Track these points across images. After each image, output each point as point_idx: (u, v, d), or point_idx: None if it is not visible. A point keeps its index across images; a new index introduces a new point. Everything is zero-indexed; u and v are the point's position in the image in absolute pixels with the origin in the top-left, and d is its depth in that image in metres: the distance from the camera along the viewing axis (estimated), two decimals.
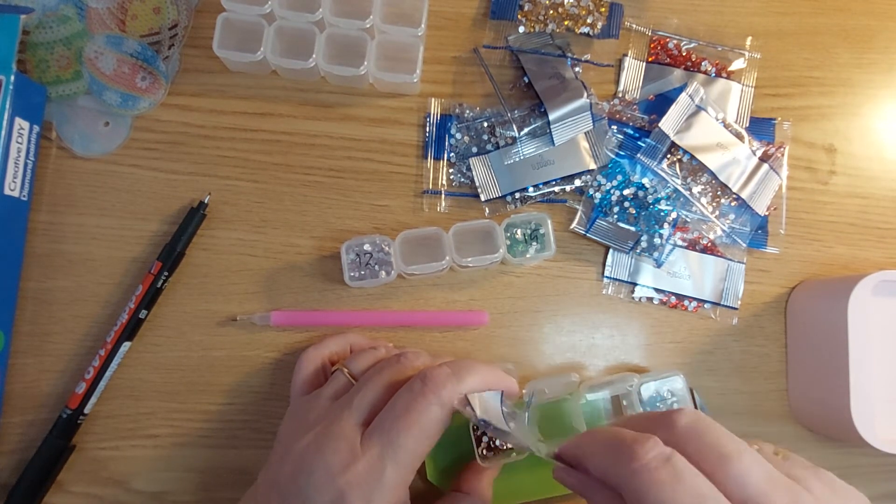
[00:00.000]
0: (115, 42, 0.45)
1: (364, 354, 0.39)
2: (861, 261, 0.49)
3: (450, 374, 0.33)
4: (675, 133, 0.47)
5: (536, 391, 0.42)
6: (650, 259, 0.47)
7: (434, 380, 0.33)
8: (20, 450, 0.43)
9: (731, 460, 0.26)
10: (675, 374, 0.44)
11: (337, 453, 0.32)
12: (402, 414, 0.32)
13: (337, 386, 0.37)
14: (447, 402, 0.33)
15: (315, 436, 0.33)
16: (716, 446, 0.26)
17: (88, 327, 0.44)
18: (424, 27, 0.45)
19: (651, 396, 0.44)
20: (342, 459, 0.31)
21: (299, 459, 0.33)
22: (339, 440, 0.32)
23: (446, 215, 0.47)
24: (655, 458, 0.26)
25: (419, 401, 0.32)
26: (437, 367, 0.34)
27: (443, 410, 0.32)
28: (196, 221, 0.45)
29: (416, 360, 0.36)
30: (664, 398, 0.44)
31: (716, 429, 0.27)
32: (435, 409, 0.32)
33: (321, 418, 0.34)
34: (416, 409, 0.32)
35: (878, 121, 0.51)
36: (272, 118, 0.47)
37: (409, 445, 0.32)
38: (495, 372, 0.36)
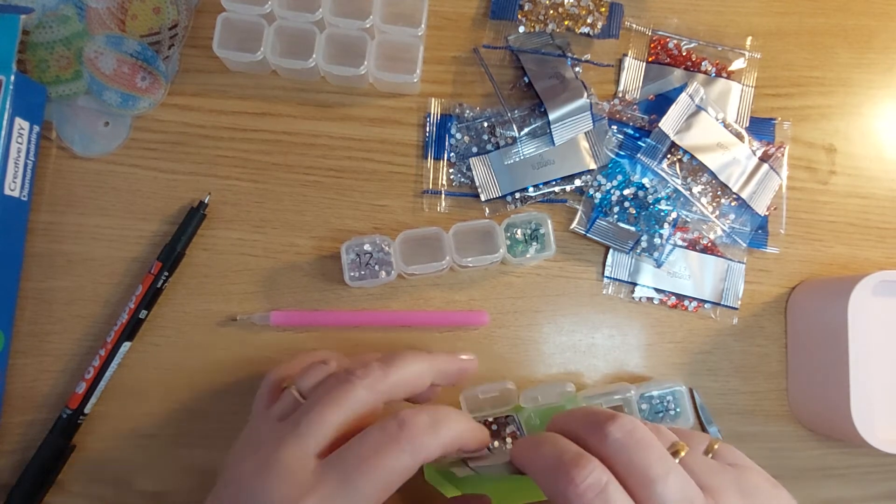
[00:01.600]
0: (115, 42, 0.45)
1: (314, 370, 0.35)
2: (861, 261, 0.49)
3: (428, 426, 0.30)
4: (675, 133, 0.47)
5: (530, 398, 0.42)
6: (650, 259, 0.47)
7: (411, 428, 0.30)
8: (20, 450, 0.43)
9: (653, 484, 0.26)
10: (678, 385, 0.44)
11: (283, 484, 0.29)
12: (369, 456, 0.29)
13: (284, 405, 0.34)
14: (419, 453, 0.30)
15: (259, 460, 0.30)
16: (640, 467, 0.27)
17: (88, 327, 0.44)
18: (424, 27, 0.45)
19: (653, 406, 0.44)
20: (288, 492, 0.28)
21: (242, 484, 0.30)
22: (286, 470, 0.29)
23: (446, 215, 0.47)
24: (591, 486, 0.26)
25: (391, 446, 0.29)
26: (417, 415, 0.31)
27: (413, 461, 0.30)
28: (196, 221, 0.45)
29: (366, 376, 0.32)
30: (666, 408, 0.44)
31: (646, 447, 0.28)
32: (405, 458, 0.29)
33: (266, 441, 0.32)
34: (385, 453, 0.29)
35: (878, 121, 0.51)
36: (272, 118, 0.47)
37: (368, 491, 0.28)
38: (475, 427, 0.34)
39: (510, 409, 0.42)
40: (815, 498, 0.47)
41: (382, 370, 0.33)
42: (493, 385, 0.42)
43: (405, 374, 0.34)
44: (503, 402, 0.42)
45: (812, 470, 0.47)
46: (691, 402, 0.45)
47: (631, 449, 0.27)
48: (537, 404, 0.43)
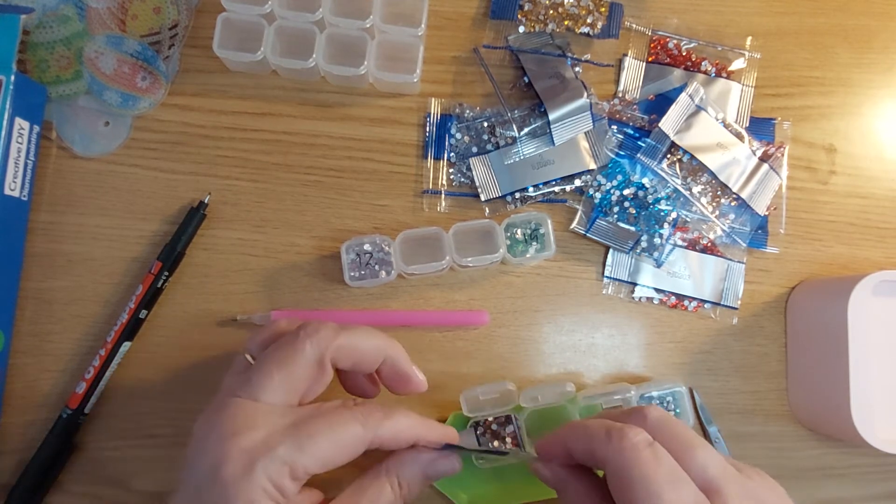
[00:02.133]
0: (115, 42, 0.45)
1: (260, 332, 0.36)
2: (861, 261, 0.49)
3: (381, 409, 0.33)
4: (675, 133, 0.47)
5: (530, 398, 0.42)
6: (650, 259, 0.47)
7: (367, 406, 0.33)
8: (20, 450, 0.43)
9: (694, 450, 0.30)
10: (679, 386, 0.44)
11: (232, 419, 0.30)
12: (322, 414, 0.31)
13: (237, 365, 0.35)
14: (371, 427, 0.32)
15: (213, 406, 0.32)
16: (682, 437, 0.31)
17: (88, 327, 0.44)
18: (424, 27, 0.45)
19: None
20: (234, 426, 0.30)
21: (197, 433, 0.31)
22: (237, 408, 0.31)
23: (446, 215, 0.47)
24: (641, 441, 0.30)
25: (344, 413, 0.32)
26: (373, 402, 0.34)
27: (364, 432, 0.31)
28: (196, 221, 0.45)
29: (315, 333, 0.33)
30: (666, 409, 0.44)
31: (681, 424, 0.32)
32: (357, 427, 0.31)
33: (221, 392, 0.33)
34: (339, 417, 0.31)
35: (878, 121, 0.51)
36: (272, 118, 0.47)
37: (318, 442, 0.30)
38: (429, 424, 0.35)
39: (510, 409, 0.42)
40: (815, 498, 0.47)
41: (334, 331, 0.33)
42: (493, 386, 0.42)
43: (355, 341, 0.34)
44: (503, 402, 0.42)
45: (812, 470, 0.47)
46: (691, 402, 0.45)
47: (671, 423, 0.32)
48: (537, 404, 0.43)
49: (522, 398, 0.42)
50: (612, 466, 0.30)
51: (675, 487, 0.28)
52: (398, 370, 0.36)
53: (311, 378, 0.33)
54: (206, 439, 0.30)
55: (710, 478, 0.30)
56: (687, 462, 0.30)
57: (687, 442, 0.31)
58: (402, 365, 0.36)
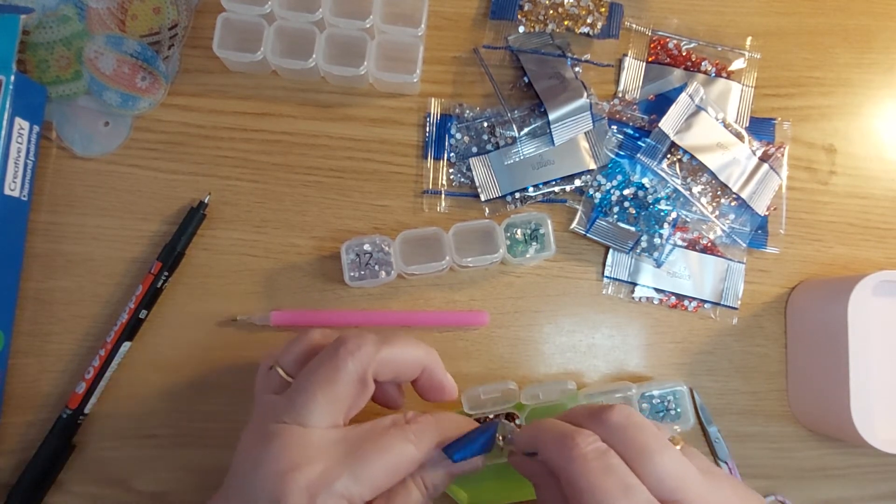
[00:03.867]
0: (115, 42, 0.45)
1: (294, 344, 0.35)
2: (861, 261, 0.49)
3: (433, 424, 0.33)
4: (675, 133, 0.47)
5: (532, 396, 0.42)
6: (650, 259, 0.47)
7: (420, 424, 0.33)
8: (20, 450, 0.43)
9: (652, 457, 0.29)
10: (679, 385, 0.44)
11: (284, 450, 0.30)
12: (377, 438, 0.31)
13: (271, 382, 0.34)
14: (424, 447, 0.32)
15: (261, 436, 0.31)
16: (640, 443, 0.29)
17: (88, 327, 0.44)
18: (424, 27, 0.45)
19: (654, 405, 0.44)
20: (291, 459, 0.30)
21: (247, 462, 0.31)
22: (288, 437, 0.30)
23: (446, 215, 0.47)
24: (593, 450, 0.29)
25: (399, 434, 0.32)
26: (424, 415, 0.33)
27: (418, 453, 0.32)
28: (196, 221, 0.45)
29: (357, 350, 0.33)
30: (666, 408, 0.44)
31: (642, 428, 0.30)
32: (411, 449, 0.31)
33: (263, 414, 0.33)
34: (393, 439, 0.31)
35: (878, 121, 0.51)
36: (272, 118, 0.47)
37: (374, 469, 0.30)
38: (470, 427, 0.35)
39: (511, 407, 0.42)
40: (815, 498, 0.47)
41: (374, 345, 0.33)
42: (495, 385, 0.42)
43: (397, 354, 0.34)
44: (505, 401, 0.42)
45: (812, 470, 0.47)
46: (692, 402, 0.45)
47: (629, 429, 0.30)
48: (538, 402, 0.43)
49: (523, 396, 0.42)
50: (564, 476, 0.29)
51: (627, 499, 0.27)
52: (434, 380, 0.36)
53: (356, 396, 0.32)
54: (259, 471, 0.30)
55: (669, 488, 0.28)
56: (643, 471, 0.28)
57: (645, 448, 0.29)
58: (439, 375, 0.36)
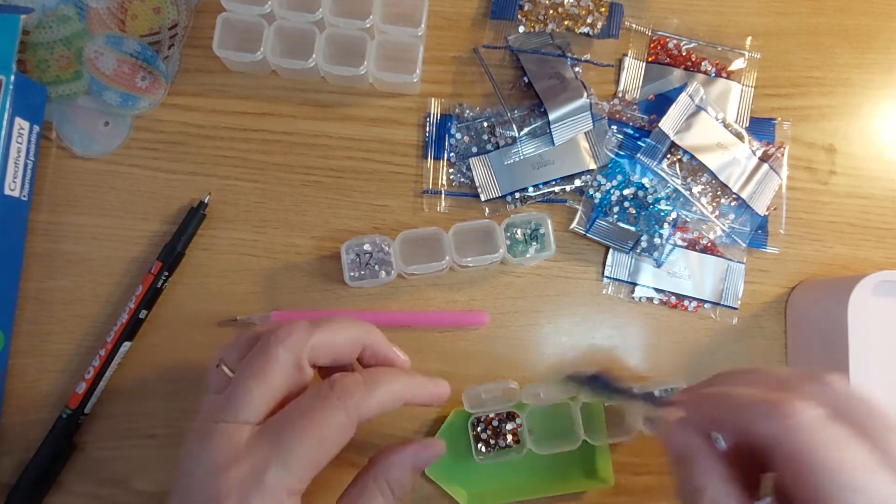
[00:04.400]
0: (115, 42, 0.45)
1: (235, 341, 0.34)
2: (861, 261, 0.49)
3: (360, 383, 0.31)
4: (675, 133, 0.47)
5: (532, 395, 0.42)
6: (650, 259, 0.47)
7: (343, 386, 0.30)
8: (20, 450, 0.43)
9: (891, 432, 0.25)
10: (679, 384, 0.44)
11: (215, 456, 0.29)
12: (299, 417, 0.29)
13: (216, 381, 0.33)
14: (353, 410, 0.30)
15: (197, 429, 0.31)
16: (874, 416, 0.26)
17: (88, 327, 0.44)
18: (424, 27, 0.45)
19: None
20: (219, 462, 0.28)
21: (186, 462, 0.30)
22: (221, 437, 0.29)
23: (446, 215, 0.47)
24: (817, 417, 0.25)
25: (321, 405, 0.30)
26: (349, 375, 0.31)
27: (348, 418, 0.30)
28: (196, 221, 0.45)
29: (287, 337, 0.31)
30: None
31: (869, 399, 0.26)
32: (339, 415, 0.29)
33: (203, 413, 0.32)
34: (316, 412, 0.29)
35: (878, 121, 0.51)
36: (272, 118, 0.47)
37: (301, 451, 0.28)
38: (416, 381, 0.33)
39: (512, 406, 0.42)
40: None
41: (306, 330, 0.31)
42: (496, 385, 0.42)
43: (330, 337, 0.32)
44: (505, 400, 0.42)
45: None
46: None
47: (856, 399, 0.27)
48: (539, 401, 0.43)
49: (524, 395, 0.42)
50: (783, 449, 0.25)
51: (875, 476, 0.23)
52: (379, 355, 0.34)
53: (291, 384, 0.31)
54: (195, 474, 0.29)
55: None
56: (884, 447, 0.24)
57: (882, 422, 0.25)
58: (382, 349, 0.34)
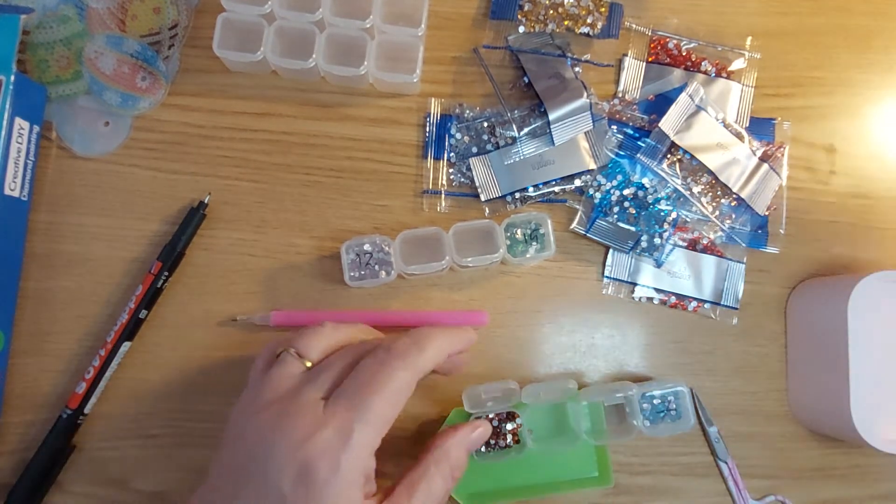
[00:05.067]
0: (115, 42, 0.45)
1: (312, 333, 0.36)
2: (861, 261, 0.49)
3: (412, 344, 0.34)
4: (675, 133, 0.47)
5: (532, 395, 0.42)
6: (650, 259, 0.47)
7: (399, 348, 0.34)
8: (20, 450, 0.43)
9: None
10: (680, 385, 0.44)
11: (298, 426, 0.31)
12: (369, 379, 0.32)
13: (286, 365, 0.34)
14: (412, 368, 0.33)
15: (271, 413, 0.32)
16: None
17: (88, 327, 0.44)
18: (424, 27, 0.45)
19: (655, 406, 0.44)
20: (304, 430, 0.30)
21: (255, 438, 0.31)
22: (300, 413, 0.31)
23: (446, 215, 0.47)
24: None
25: (386, 367, 0.32)
26: (398, 338, 0.35)
27: (409, 374, 0.33)
28: (196, 221, 0.45)
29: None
30: (667, 408, 0.44)
31: None
32: (401, 374, 0.33)
33: (277, 397, 0.33)
34: (382, 373, 0.32)
35: (878, 121, 0.51)
36: (272, 118, 0.47)
37: (378, 408, 0.31)
38: (452, 334, 0.37)
39: (512, 406, 0.42)
40: (815, 498, 0.47)
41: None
42: (496, 385, 0.42)
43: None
44: (505, 400, 0.42)
45: (812, 470, 0.47)
46: (693, 403, 0.45)
47: None
48: (539, 401, 0.43)
49: (524, 395, 0.42)
50: None
51: None
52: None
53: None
54: (278, 445, 0.30)
55: None
56: None
57: None
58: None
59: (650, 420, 0.43)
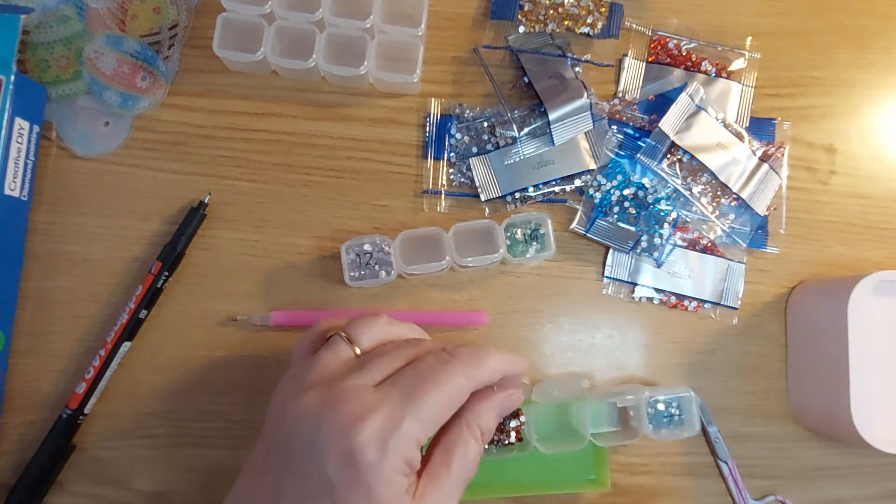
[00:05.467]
0: (115, 42, 0.45)
1: (367, 321, 0.35)
2: (861, 261, 0.49)
3: (474, 355, 0.33)
4: (675, 133, 0.47)
5: (545, 393, 0.42)
6: (650, 259, 0.47)
7: (462, 355, 0.32)
8: (20, 450, 0.43)
9: None
10: (686, 391, 0.43)
11: (346, 409, 0.30)
12: (429, 374, 0.31)
13: (336, 349, 0.34)
14: (472, 377, 0.32)
15: (317, 395, 0.31)
16: None
17: (88, 327, 0.44)
18: (424, 27, 0.45)
19: (659, 411, 0.43)
20: (352, 414, 0.29)
21: (302, 417, 0.31)
22: (348, 397, 0.30)
23: (446, 215, 0.47)
24: None
25: (446, 367, 0.32)
26: (462, 346, 0.33)
27: (468, 382, 0.32)
28: (196, 221, 0.45)
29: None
30: (672, 414, 0.43)
31: None
32: (462, 379, 0.32)
33: (323, 379, 0.32)
34: (443, 373, 0.31)
35: (878, 121, 0.51)
36: (272, 118, 0.47)
37: (433, 405, 0.30)
38: (510, 356, 0.35)
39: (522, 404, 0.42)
40: (815, 498, 0.47)
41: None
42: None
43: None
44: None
45: (812, 470, 0.47)
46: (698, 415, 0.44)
47: None
48: (552, 399, 0.42)
49: (536, 393, 0.42)
50: None
51: None
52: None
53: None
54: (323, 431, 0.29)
55: None
56: None
57: None
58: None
59: (654, 424, 0.43)
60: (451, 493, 0.32)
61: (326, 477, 0.29)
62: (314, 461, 0.29)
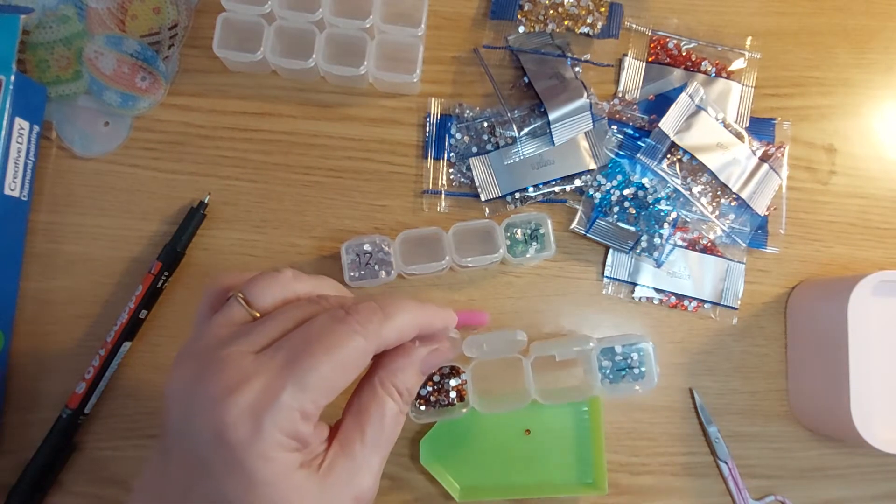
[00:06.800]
0: (115, 42, 0.45)
1: (267, 278, 0.31)
2: (861, 261, 0.49)
3: (377, 310, 0.29)
4: (675, 133, 0.47)
5: (475, 346, 0.40)
6: (650, 259, 0.47)
7: (361, 312, 0.28)
8: (20, 450, 0.43)
9: None
10: (644, 340, 0.41)
11: (219, 379, 0.26)
12: (317, 336, 0.27)
13: (229, 312, 0.30)
14: (372, 336, 0.28)
15: (192, 366, 0.27)
16: None
17: (88, 327, 0.44)
18: (424, 27, 0.45)
19: (615, 362, 0.41)
20: (225, 385, 0.25)
21: (174, 391, 0.27)
22: (224, 365, 0.26)
23: (446, 215, 0.47)
24: None
25: (339, 326, 0.27)
26: (365, 302, 0.29)
27: (366, 343, 0.28)
28: (196, 221, 0.45)
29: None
30: (629, 366, 0.41)
31: None
32: (358, 340, 0.27)
33: (209, 346, 0.28)
34: (334, 333, 0.27)
35: (878, 121, 0.51)
36: (272, 118, 0.47)
37: (320, 373, 0.26)
38: (429, 309, 0.31)
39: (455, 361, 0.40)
40: (815, 498, 0.47)
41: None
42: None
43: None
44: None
45: (812, 470, 0.47)
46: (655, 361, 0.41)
47: None
48: (483, 354, 0.41)
49: (466, 347, 0.40)
50: None
51: None
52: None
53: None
54: (194, 403, 0.26)
55: None
56: None
57: None
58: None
59: (610, 379, 0.40)
60: (368, 460, 0.28)
61: (201, 458, 0.25)
62: (188, 441, 0.26)
